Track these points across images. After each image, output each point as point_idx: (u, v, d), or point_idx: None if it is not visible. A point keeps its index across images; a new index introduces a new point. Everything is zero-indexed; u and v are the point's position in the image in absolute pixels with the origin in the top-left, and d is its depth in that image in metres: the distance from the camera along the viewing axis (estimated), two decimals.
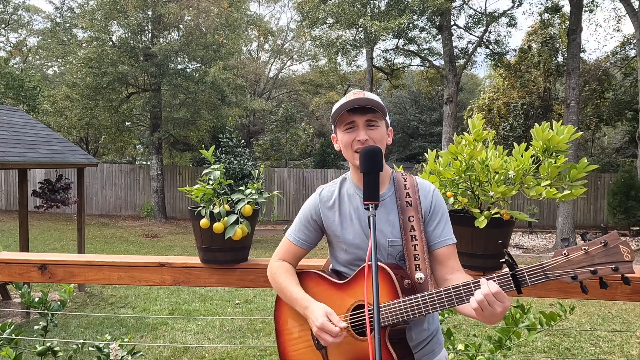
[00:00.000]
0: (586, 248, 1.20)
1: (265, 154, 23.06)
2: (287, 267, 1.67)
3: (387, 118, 1.60)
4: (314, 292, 1.60)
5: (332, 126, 1.63)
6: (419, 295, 1.41)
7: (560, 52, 17.73)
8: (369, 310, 1.45)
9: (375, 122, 1.53)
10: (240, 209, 2.02)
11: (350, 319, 1.52)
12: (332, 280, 1.59)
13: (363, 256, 1.56)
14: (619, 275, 1.18)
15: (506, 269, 1.31)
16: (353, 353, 1.52)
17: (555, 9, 16.36)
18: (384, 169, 1.60)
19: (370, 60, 18.21)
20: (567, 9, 15.12)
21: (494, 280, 1.30)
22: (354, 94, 1.55)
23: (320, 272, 1.65)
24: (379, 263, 1.48)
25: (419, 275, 1.51)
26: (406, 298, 1.42)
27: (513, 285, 1.28)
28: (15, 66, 21.36)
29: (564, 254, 1.22)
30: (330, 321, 1.44)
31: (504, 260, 1.29)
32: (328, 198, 1.65)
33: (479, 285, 1.31)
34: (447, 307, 1.38)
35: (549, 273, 1.23)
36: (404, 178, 1.63)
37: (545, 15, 16.79)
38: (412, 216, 1.56)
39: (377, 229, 1.54)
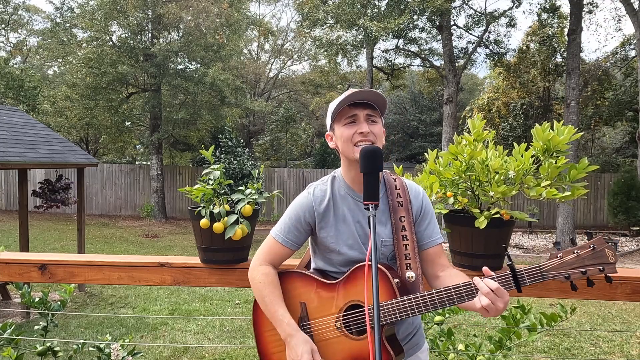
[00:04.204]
0: (578, 252, 1.35)
1: (265, 154, 23.05)
2: (273, 280, 1.60)
3: (382, 118, 1.60)
4: (302, 292, 1.59)
5: (329, 123, 1.60)
6: (418, 295, 1.43)
7: (558, 52, 17.72)
8: (368, 310, 1.46)
9: (375, 117, 1.54)
10: (240, 209, 2.02)
11: (343, 319, 1.51)
12: (322, 281, 1.57)
13: (355, 257, 1.56)
14: (603, 275, 1.34)
15: (507, 270, 1.38)
16: (346, 353, 1.51)
17: (553, 9, 16.35)
18: None
19: (371, 61, 18.21)
20: (567, 9, 15.12)
21: (495, 280, 1.35)
22: (354, 92, 1.53)
23: (306, 273, 1.63)
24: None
25: (409, 274, 1.53)
26: (405, 297, 1.44)
27: (513, 285, 1.36)
28: (15, 66, 21.35)
29: (559, 256, 1.36)
30: None
31: (509, 263, 1.37)
32: (321, 198, 1.61)
33: (479, 285, 1.36)
34: (447, 305, 1.42)
35: (546, 274, 1.36)
36: (393, 179, 1.64)
37: (544, 15, 16.78)
38: (403, 217, 1.58)
39: None
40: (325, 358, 1.53)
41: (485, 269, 1.39)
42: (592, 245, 1.34)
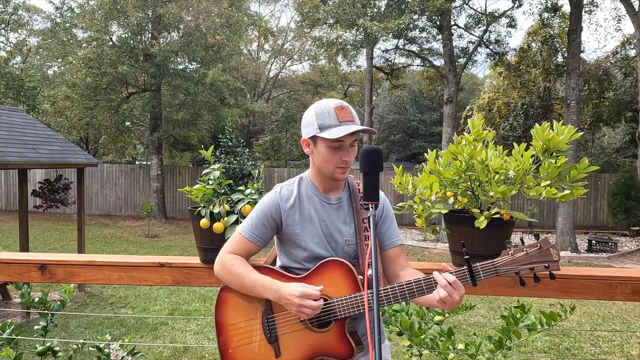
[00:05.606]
0: (527, 249, 1.49)
1: (265, 154, 23.04)
2: (244, 261, 1.66)
3: None
4: None
5: (311, 132, 1.58)
6: (380, 288, 1.51)
7: (560, 52, 17.71)
8: (341, 299, 1.53)
9: (357, 141, 1.60)
10: (240, 209, 2.02)
11: None
12: (288, 275, 1.62)
13: (321, 254, 1.62)
14: (548, 272, 1.47)
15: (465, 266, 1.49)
16: (309, 346, 1.56)
17: (554, 9, 16.36)
18: None
19: (371, 60, 18.20)
20: (567, 8, 15.12)
21: (452, 274, 1.45)
22: (342, 109, 1.55)
23: (271, 267, 1.67)
24: (341, 260, 1.57)
25: (370, 272, 1.57)
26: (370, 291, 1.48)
27: (469, 278, 1.47)
28: (15, 66, 21.35)
29: (510, 254, 1.49)
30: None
31: (467, 257, 1.47)
32: (288, 197, 1.66)
33: (438, 279, 1.46)
34: (408, 297, 1.50)
35: (499, 269, 1.48)
36: (357, 183, 1.73)
37: (545, 15, 16.78)
38: (366, 218, 1.66)
39: (336, 229, 1.63)
40: (289, 350, 1.57)
41: (443, 264, 1.50)
42: (539, 245, 1.48)
